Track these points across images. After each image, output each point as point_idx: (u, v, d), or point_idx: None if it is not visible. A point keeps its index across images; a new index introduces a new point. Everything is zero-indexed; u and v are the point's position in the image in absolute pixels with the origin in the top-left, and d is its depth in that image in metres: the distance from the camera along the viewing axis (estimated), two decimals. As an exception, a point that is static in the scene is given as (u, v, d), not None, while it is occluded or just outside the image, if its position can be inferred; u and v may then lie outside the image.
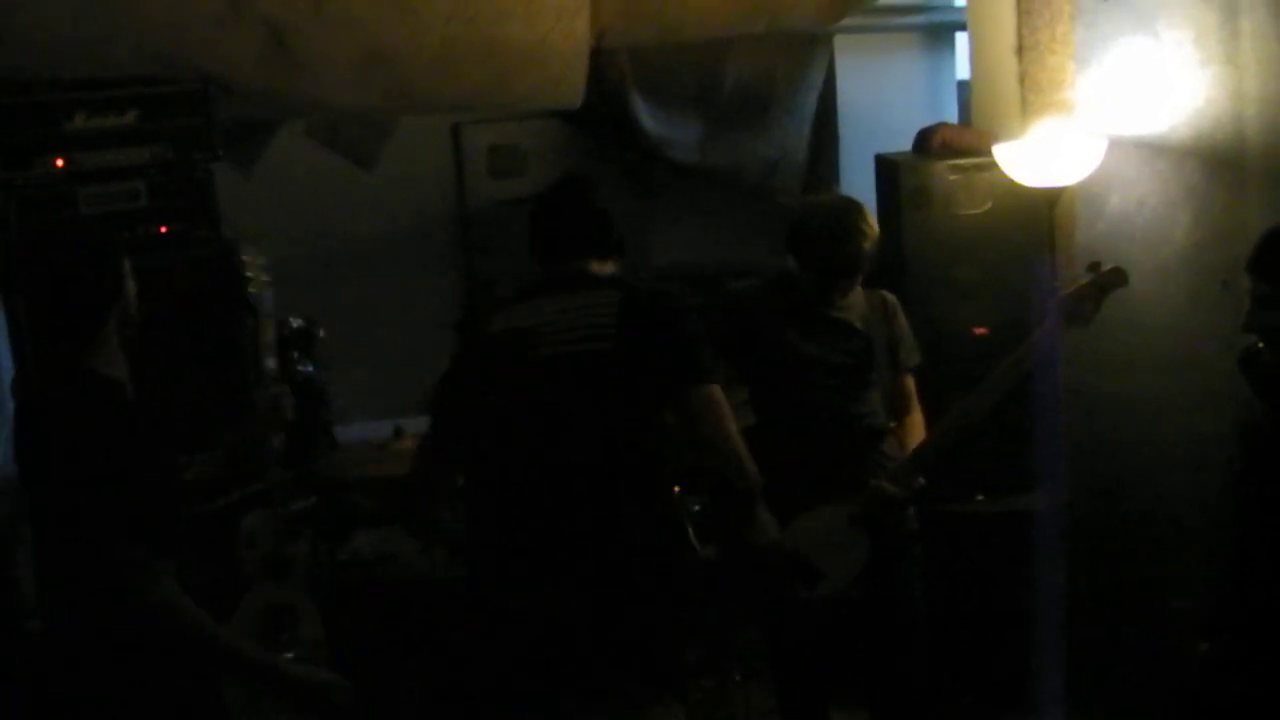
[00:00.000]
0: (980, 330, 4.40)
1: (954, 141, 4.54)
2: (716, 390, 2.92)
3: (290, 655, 3.12)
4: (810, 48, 5.43)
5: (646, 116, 5.08)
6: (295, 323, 4.82)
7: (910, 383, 3.77)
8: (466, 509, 3.10)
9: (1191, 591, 3.81)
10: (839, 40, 5.50)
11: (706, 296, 4.99)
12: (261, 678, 2.74)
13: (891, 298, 3.78)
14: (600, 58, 4.95)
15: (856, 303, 3.67)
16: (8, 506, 3.61)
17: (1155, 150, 3.82)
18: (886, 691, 3.78)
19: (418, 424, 3.00)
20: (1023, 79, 4.32)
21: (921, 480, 3.58)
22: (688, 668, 4.39)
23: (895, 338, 3.73)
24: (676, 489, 4.49)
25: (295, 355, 4.83)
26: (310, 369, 4.85)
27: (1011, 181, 3.98)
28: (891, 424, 3.70)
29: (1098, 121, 3.96)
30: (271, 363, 3.47)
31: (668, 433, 2.97)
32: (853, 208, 3.60)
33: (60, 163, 4.10)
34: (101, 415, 2.59)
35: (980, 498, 4.35)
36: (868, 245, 3.53)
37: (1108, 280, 3.50)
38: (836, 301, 3.64)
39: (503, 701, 2.98)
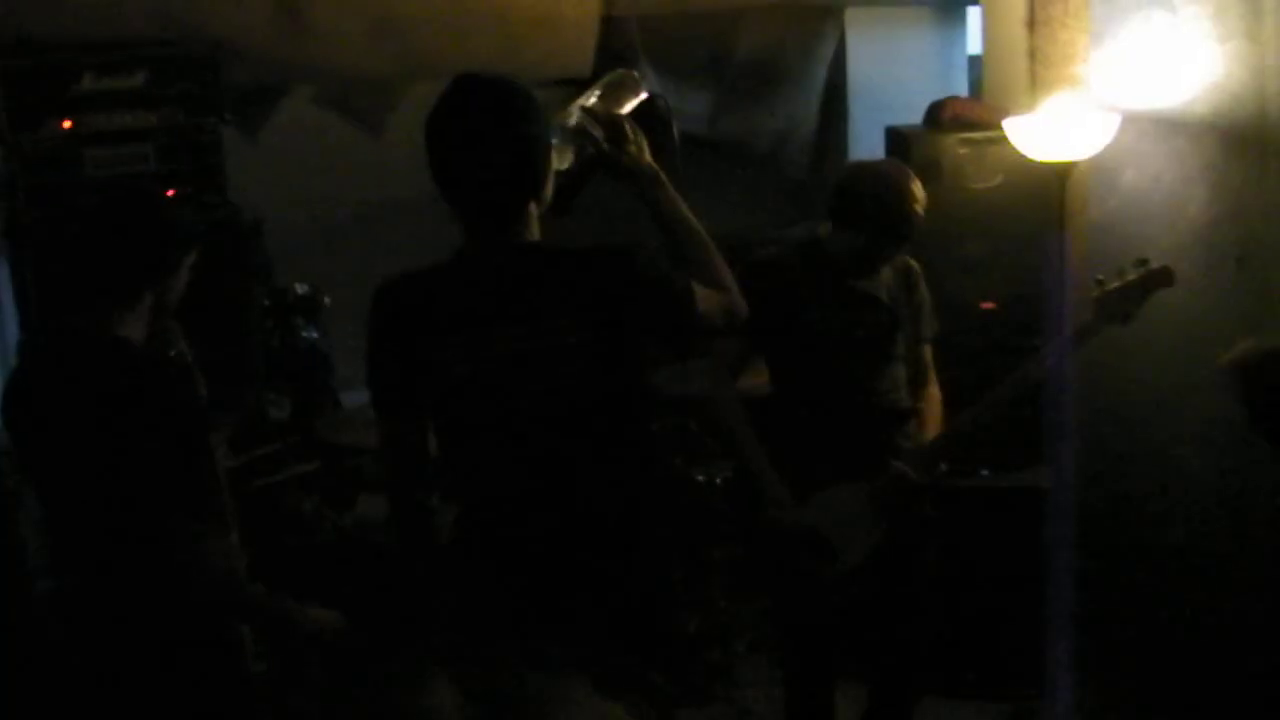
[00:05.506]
0: (988, 305, 4.40)
1: (965, 115, 4.53)
2: None
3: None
4: (821, 20, 5.41)
5: (656, 87, 5.04)
6: (300, 289, 4.80)
7: (928, 353, 3.64)
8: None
9: (1200, 569, 3.81)
10: (850, 13, 5.48)
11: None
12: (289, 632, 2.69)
13: (915, 265, 3.63)
14: (610, 26, 4.94)
15: (884, 273, 3.52)
16: (11, 469, 3.60)
17: (1171, 126, 3.78)
18: (888, 666, 3.75)
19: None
20: (1034, 53, 4.30)
21: (944, 467, 3.49)
22: (688, 639, 4.40)
23: (916, 307, 3.60)
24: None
25: (300, 321, 4.81)
26: (315, 335, 4.83)
27: (1022, 156, 3.96)
28: (918, 405, 3.57)
29: (1112, 96, 3.94)
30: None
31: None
32: (905, 171, 3.40)
33: (68, 124, 4.08)
34: (117, 383, 2.53)
35: (986, 472, 4.34)
36: (919, 212, 3.34)
37: (1154, 279, 3.29)
38: (868, 273, 3.48)
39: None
